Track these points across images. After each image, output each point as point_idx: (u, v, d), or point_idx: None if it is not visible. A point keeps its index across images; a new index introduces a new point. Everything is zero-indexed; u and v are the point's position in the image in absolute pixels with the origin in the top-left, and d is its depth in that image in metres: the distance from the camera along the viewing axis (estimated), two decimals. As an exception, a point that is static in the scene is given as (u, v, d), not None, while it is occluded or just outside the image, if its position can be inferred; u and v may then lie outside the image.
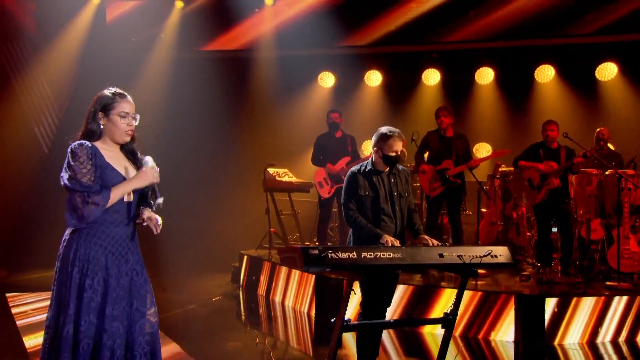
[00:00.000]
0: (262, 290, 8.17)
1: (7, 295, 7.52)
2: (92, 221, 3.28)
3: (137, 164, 3.54)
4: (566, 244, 7.53)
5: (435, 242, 4.63)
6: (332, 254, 4.05)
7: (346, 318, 4.27)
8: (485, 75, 11.39)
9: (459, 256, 4.43)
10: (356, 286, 4.55)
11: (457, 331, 6.40)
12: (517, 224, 8.64)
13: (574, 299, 6.33)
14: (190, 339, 5.90)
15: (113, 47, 11.27)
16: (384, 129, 4.87)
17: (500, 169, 8.83)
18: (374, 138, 4.91)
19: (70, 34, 11.09)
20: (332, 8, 10.94)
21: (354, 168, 4.97)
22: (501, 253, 4.60)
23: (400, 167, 5.05)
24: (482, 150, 11.26)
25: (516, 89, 11.23)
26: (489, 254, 4.53)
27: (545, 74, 11.16)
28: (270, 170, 8.76)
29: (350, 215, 4.84)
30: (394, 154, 4.78)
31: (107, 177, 3.32)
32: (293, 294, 7.53)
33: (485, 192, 7.66)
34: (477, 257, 4.47)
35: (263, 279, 8.24)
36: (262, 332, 6.50)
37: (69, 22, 11.08)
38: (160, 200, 3.62)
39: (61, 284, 3.32)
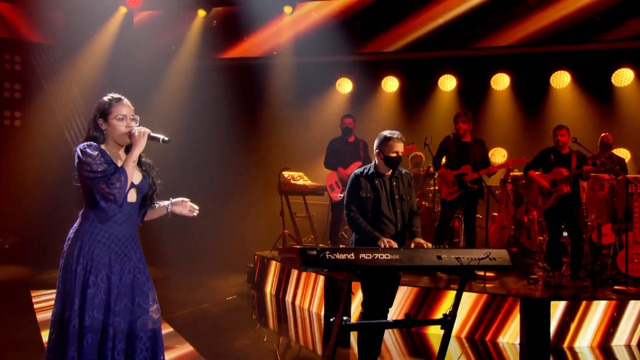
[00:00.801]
0: (274, 290, 8.19)
1: (32, 292, 7.65)
2: (117, 205, 3.38)
3: (140, 164, 3.61)
4: (576, 248, 7.42)
5: (429, 245, 4.61)
6: (330, 255, 4.04)
7: (345, 318, 4.25)
8: (501, 81, 11.27)
9: (457, 258, 4.38)
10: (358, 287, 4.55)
11: (463, 333, 6.36)
12: (528, 227, 8.53)
13: (580, 303, 6.23)
14: (201, 337, 5.94)
15: (139, 54, 11.43)
16: (385, 132, 4.91)
17: (511, 174, 8.72)
18: (376, 142, 4.93)
19: (99, 41, 11.31)
20: (350, 16, 10.98)
21: (357, 171, 4.98)
22: (500, 256, 4.54)
23: (404, 170, 5.05)
24: (498, 155, 11.14)
25: (532, 94, 11.07)
26: (488, 256, 4.48)
27: (561, 80, 10.99)
28: (285, 173, 8.79)
29: (351, 216, 4.86)
30: (394, 155, 4.79)
31: None
32: (303, 294, 7.54)
33: (494, 196, 7.57)
34: (475, 259, 4.42)
35: (275, 279, 8.26)
36: (272, 331, 6.52)
37: (98, 30, 11.29)
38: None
39: (66, 281, 3.38)
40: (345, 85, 11.93)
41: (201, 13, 11.17)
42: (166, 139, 3.54)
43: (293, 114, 11.28)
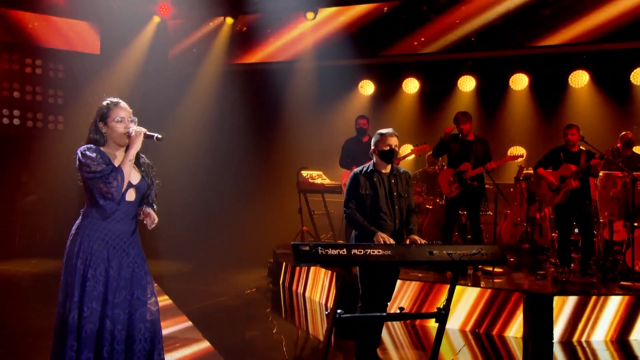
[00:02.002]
0: (287, 282, 8.25)
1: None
2: (114, 202, 3.48)
3: (138, 164, 3.71)
4: (586, 245, 7.32)
5: (424, 241, 4.62)
6: (323, 251, 4.07)
7: (339, 311, 4.29)
8: (520, 82, 11.12)
9: (448, 254, 4.38)
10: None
11: (468, 326, 6.33)
12: (541, 224, 8.41)
13: (584, 298, 6.14)
14: (214, 328, 6.02)
15: (172, 60, 11.67)
16: (380, 130, 4.97)
17: (524, 172, 8.61)
18: (372, 140, 4.96)
19: (135, 48, 11.58)
20: (372, 20, 11.02)
21: (357, 169, 5.02)
22: (491, 252, 4.54)
23: (402, 169, 5.07)
24: (516, 153, 10.98)
25: (550, 94, 10.89)
26: (479, 252, 4.47)
27: (580, 79, 10.79)
28: (304, 172, 8.87)
29: (349, 213, 4.89)
30: (387, 148, 4.83)
31: None
32: (313, 286, 7.58)
33: (502, 193, 7.49)
34: (466, 254, 4.42)
35: (288, 273, 8.32)
36: (283, 322, 6.58)
37: (134, 38, 11.56)
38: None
39: (67, 274, 3.50)
40: (367, 87, 11.94)
41: (228, 20, 11.34)
42: (160, 136, 3.60)
43: (316, 115, 11.32)
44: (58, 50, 11.26)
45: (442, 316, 4.65)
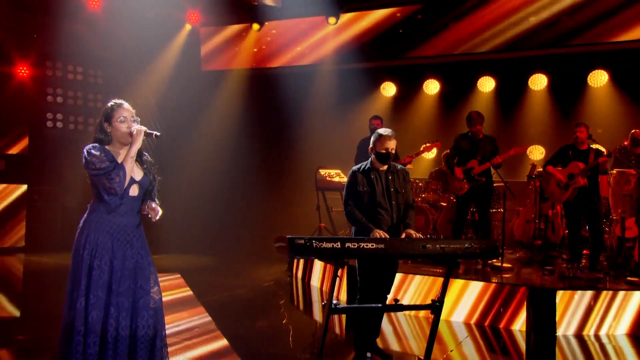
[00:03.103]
0: (300, 274, 8.34)
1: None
2: (118, 197, 3.61)
3: (141, 162, 3.82)
4: (595, 241, 7.22)
5: (420, 235, 4.66)
6: (317, 244, 4.15)
7: (335, 302, 4.38)
8: (539, 81, 10.99)
9: (441, 248, 4.42)
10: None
11: (473, 319, 6.32)
12: (553, 221, 8.32)
13: (586, 293, 6.07)
14: (227, 317, 6.16)
15: (202, 63, 11.94)
16: (380, 130, 4.97)
17: (536, 170, 8.53)
18: (372, 138, 5.00)
19: (168, 53, 11.88)
20: (394, 24, 11.06)
21: (355, 167, 5.07)
22: (484, 246, 4.55)
23: (399, 166, 5.11)
24: (536, 152, 10.86)
25: (569, 94, 10.72)
26: (471, 246, 4.49)
27: (599, 79, 10.60)
28: (322, 171, 8.97)
29: (349, 210, 4.94)
30: (384, 151, 4.87)
31: None
32: (328, 279, 7.63)
33: (510, 191, 7.44)
34: (459, 248, 4.45)
35: (302, 266, 8.43)
36: (295, 314, 6.67)
37: (168, 44, 11.86)
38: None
39: (75, 264, 3.63)
40: (389, 89, 11.97)
41: (255, 27, 11.53)
42: (158, 134, 3.72)
43: (338, 116, 11.40)
44: (97, 57, 11.61)
45: (436, 308, 4.68)
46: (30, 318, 6.14)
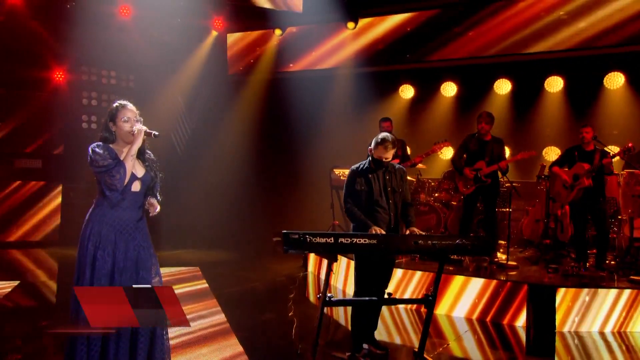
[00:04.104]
0: (318, 271, 8.41)
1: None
2: (118, 193, 3.75)
3: (143, 160, 3.97)
4: (600, 240, 7.15)
5: (422, 233, 4.71)
6: (311, 239, 4.25)
7: (329, 294, 4.47)
8: (555, 84, 10.85)
9: (433, 244, 4.48)
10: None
11: (475, 315, 6.33)
12: (562, 221, 8.23)
13: (586, 290, 6.03)
14: (236, 309, 6.28)
15: (227, 68, 12.18)
16: (382, 136, 4.97)
17: (545, 171, 8.45)
18: (372, 141, 5.04)
19: (196, 58, 12.13)
20: (413, 28, 11.10)
21: (353, 167, 5.13)
22: (474, 243, 4.59)
23: (397, 165, 5.16)
24: (552, 153, 10.73)
25: (585, 96, 10.55)
26: (462, 242, 4.53)
27: (615, 81, 10.42)
28: (336, 171, 9.06)
29: (348, 208, 5.00)
30: (379, 158, 4.93)
31: None
32: (337, 274, 7.71)
33: (516, 190, 7.40)
34: (449, 244, 4.49)
35: (314, 260, 8.52)
36: (303, 306, 6.72)
37: (196, 49, 12.11)
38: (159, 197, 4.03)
39: (80, 255, 3.80)
40: (407, 91, 11.97)
41: (277, 32, 11.68)
42: (156, 133, 3.86)
43: (358, 118, 11.45)
44: (129, 62, 11.93)
45: (429, 302, 4.73)
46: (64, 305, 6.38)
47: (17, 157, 10.94)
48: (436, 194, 9.20)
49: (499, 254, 7.49)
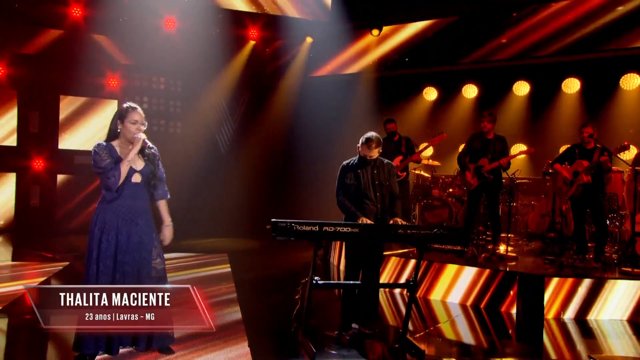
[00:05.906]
0: (336, 260, 8.53)
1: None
2: (116, 190, 4.02)
3: (143, 155, 4.21)
4: (599, 234, 7.08)
5: (404, 223, 4.87)
6: (298, 227, 4.51)
7: (316, 278, 4.70)
8: (572, 85, 10.69)
9: (412, 233, 4.64)
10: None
11: (469, 301, 6.41)
12: (566, 216, 8.15)
13: (575, 280, 6.03)
14: (249, 292, 6.52)
15: (262, 74, 12.59)
16: (369, 135, 5.12)
17: (550, 169, 8.38)
18: (361, 138, 5.21)
19: (236, 64, 12.53)
20: (435, 32, 11.18)
21: (344, 162, 5.31)
22: (451, 233, 4.73)
23: (385, 160, 5.30)
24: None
25: (601, 96, 10.35)
26: (440, 232, 4.66)
27: (632, 82, 10.19)
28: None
29: (339, 200, 5.20)
30: (364, 156, 5.09)
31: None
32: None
33: (516, 187, 7.41)
34: (428, 233, 4.63)
35: (336, 251, 8.61)
36: (313, 291, 6.93)
37: (236, 56, 12.51)
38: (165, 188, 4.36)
39: (89, 239, 4.08)
40: (430, 94, 12.02)
41: (308, 39, 11.96)
42: (151, 145, 4.20)
43: (382, 119, 11.58)
44: (177, 69, 12.45)
45: (411, 287, 4.87)
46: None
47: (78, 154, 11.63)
48: (450, 189, 9.27)
49: (502, 246, 7.52)
